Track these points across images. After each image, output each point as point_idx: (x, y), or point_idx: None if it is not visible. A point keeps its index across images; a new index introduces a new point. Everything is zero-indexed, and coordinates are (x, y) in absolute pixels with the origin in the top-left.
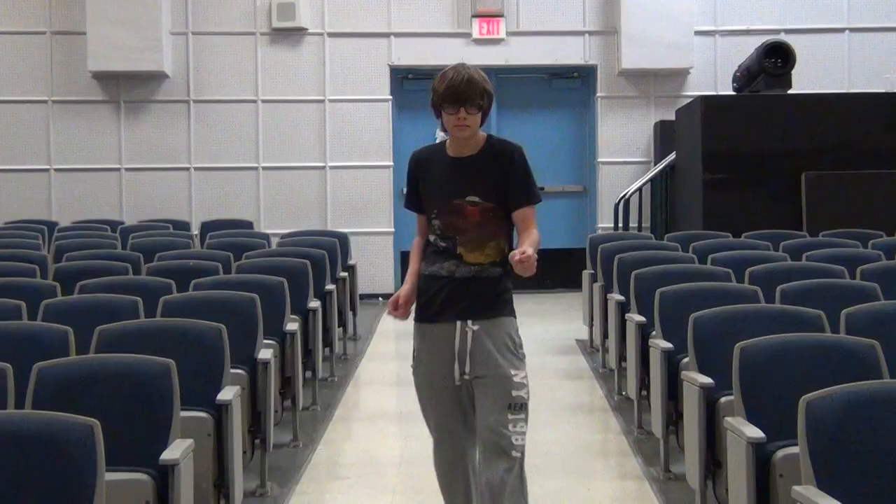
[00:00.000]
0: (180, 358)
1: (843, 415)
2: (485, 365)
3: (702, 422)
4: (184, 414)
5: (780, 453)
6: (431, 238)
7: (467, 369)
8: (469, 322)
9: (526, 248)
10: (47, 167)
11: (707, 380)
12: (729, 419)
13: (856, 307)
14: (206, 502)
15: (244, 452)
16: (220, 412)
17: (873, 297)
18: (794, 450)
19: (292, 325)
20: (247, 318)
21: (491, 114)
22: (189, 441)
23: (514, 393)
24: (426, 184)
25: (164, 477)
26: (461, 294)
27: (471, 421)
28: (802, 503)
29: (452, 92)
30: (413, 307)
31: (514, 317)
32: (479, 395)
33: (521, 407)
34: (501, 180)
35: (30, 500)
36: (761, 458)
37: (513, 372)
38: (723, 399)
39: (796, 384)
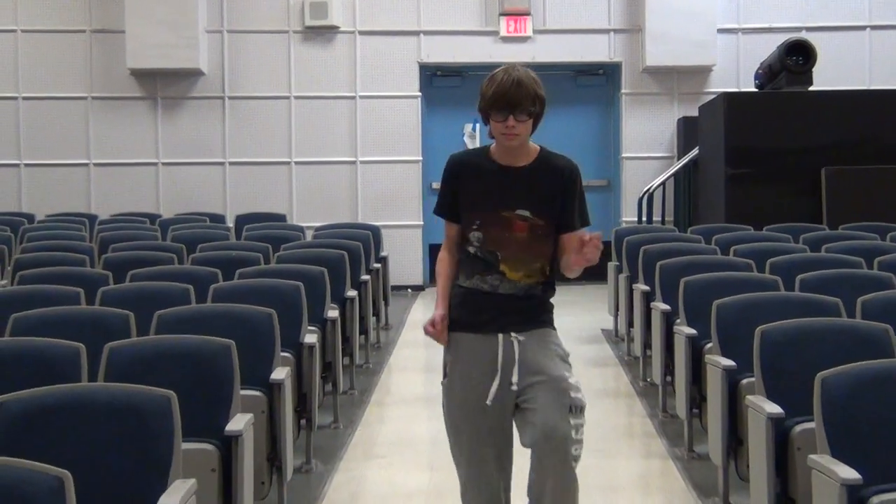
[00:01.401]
0: (234, 340)
1: (856, 390)
2: (537, 369)
3: (724, 401)
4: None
5: (798, 428)
6: (470, 250)
7: (515, 378)
8: (513, 333)
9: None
10: (87, 162)
11: (730, 362)
12: (750, 397)
13: (871, 295)
14: (261, 475)
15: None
16: (271, 391)
17: (889, 286)
18: (811, 425)
19: (333, 313)
20: (292, 304)
21: None
22: (249, 415)
23: (574, 395)
24: (468, 192)
25: (227, 447)
26: (505, 308)
27: (505, 457)
28: (818, 469)
29: (500, 97)
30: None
31: (556, 331)
32: (536, 398)
33: (580, 410)
34: (556, 197)
35: (115, 465)
36: (780, 433)
37: (567, 374)
38: (744, 381)
39: (813, 365)
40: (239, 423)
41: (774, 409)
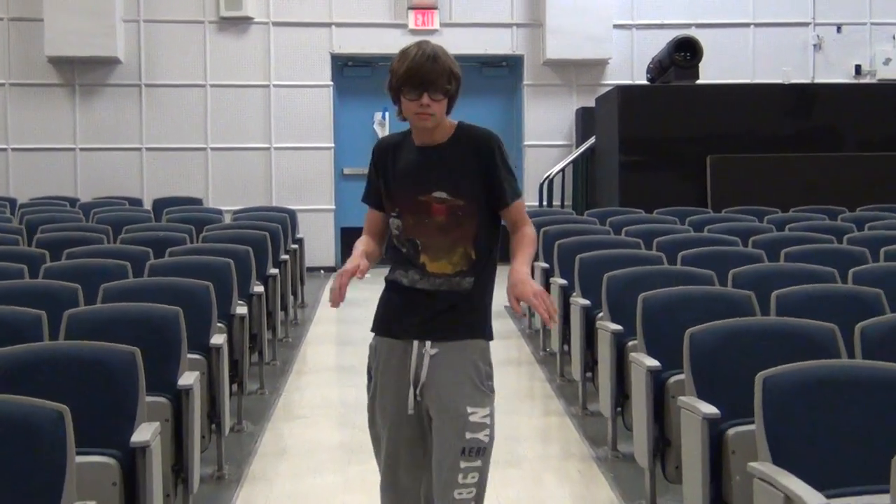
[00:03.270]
0: None
1: (719, 343)
2: (438, 400)
3: (613, 361)
4: None
5: (673, 379)
6: (394, 242)
7: (418, 396)
8: (428, 344)
9: (533, 292)
10: (5, 147)
11: (617, 327)
12: (633, 354)
13: (741, 268)
14: (202, 429)
15: None
16: (210, 356)
17: (759, 261)
18: (683, 376)
19: (258, 289)
20: (223, 280)
21: None
22: (196, 373)
23: (469, 435)
24: (388, 177)
25: (178, 401)
26: (422, 307)
27: (422, 466)
28: (685, 408)
29: (414, 73)
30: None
31: (488, 339)
32: (433, 436)
33: (477, 452)
34: (478, 173)
35: (88, 411)
36: (658, 384)
37: (470, 410)
38: (630, 342)
39: (687, 325)
40: (189, 378)
41: (653, 363)
